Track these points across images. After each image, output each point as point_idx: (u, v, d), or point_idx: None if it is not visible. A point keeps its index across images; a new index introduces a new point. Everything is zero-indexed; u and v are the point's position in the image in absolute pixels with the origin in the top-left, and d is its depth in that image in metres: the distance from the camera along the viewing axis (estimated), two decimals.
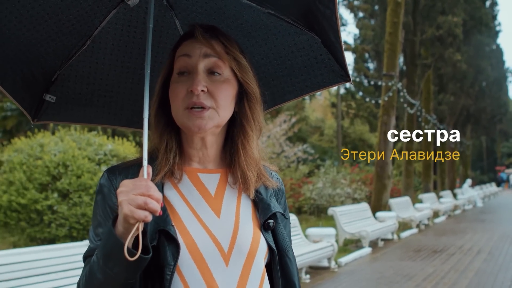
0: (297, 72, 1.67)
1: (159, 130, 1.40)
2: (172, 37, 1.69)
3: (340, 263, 9.99)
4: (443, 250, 11.99)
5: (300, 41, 1.60)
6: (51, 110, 1.74)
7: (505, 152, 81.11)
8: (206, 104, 1.33)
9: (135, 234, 1.14)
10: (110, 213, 1.32)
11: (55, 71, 1.69)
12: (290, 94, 1.71)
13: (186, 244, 1.28)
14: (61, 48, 1.64)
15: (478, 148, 71.87)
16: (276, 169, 1.58)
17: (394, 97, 18.10)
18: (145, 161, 1.23)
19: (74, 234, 9.99)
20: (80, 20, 1.58)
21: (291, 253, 1.47)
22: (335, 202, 18.99)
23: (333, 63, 1.60)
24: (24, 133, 18.39)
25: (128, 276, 1.19)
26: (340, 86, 38.33)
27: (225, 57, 1.38)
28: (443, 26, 28.52)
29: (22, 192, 10.08)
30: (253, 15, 1.57)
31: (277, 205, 1.46)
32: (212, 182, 1.41)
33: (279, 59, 1.67)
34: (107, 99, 1.80)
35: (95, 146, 11.14)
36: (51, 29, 1.56)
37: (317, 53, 1.61)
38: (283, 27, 1.58)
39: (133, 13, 1.62)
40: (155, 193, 1.15)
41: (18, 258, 4.40)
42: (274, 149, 21.66)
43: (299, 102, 38.79)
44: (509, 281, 8.51)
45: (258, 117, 1.45)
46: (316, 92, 1.70)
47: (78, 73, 1.72)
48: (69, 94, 1.75)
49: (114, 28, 1.65)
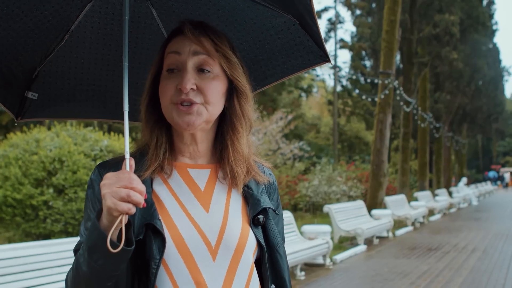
0: (277, 55, 1.67)
1: (150, 125, 1.40)
2: (150, 27, 1.68)
3: (335, 260, 10.01)
4: (438, 248, 12.03)
5: (278, 23, 1.60)
6: (34, 107, 1.73)
7: (501, 151, 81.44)
8: (195, 101, 1.34)
9: (119, 227, 1.14)
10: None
11: (35, 68, 1.68)
12: (271, 77, 1.71)
13: (172, 238, 1.29)
14: (39, 44, 1.63)
15: (474, 147, 72.12)
16: (270, 166, 1.59)
17: (390, 95, 18.13)
18: (127, 154, 1.24)
19: (69, 230, 9.98)
20: (56, 15, 1.56)
21: (282, 250, 1.47)
22: (330, 199, 19.01)
23: (312, 44, 1.60)
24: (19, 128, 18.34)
25: (112, 268, 1.19)
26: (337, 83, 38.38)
27: (215, 54, 1.38)
28: (440, 25, 28.58)
29: (18, 187, 10.05)
30: (229, 1, 1.57)
31: (268, 201, 1.47)
32: (202, 177, 1.42)
33: (258, 43, 1.67)
34: (89, 93, 1.79)
35: (91, 141, 11.12)
36: (27, 27, 1.54)
37: (295, 35, 1.61)
38: (260, 11, 1.58)
39: (108, 5, 1.60)
40: (138, 185, 1.15)
41: (13, 254, 4.39)
42: (270, 146, 21.66)
43: (295, 99, 38.78)
44: (503, 279, 8.55)
45: (248, 113, 1.46)
46: (297, 73, 1.71)
47: (58, 68, 1.71)
48: (51, 90, 1.73)
49: (91, 22, 1.63)
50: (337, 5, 41.95)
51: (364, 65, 41.83)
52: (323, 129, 45.48)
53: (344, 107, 42.16)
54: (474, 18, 32.47)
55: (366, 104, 39.08)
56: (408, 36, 28.22)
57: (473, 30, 33.13)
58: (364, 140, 42.57)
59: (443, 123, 36.59)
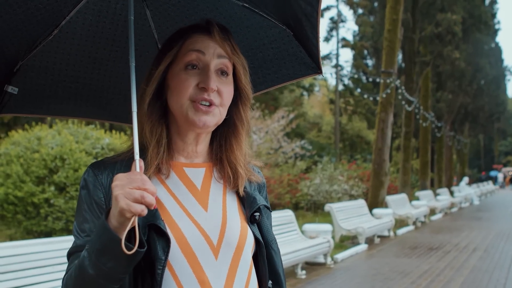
0: (268, 64, 1.69)
1: (152, 122, 1.38)
2: (142, 28, 1.65)
3: (336, 259, 10.01)
4: (439, 248, 12.02)
5: (272, 33, 1.62)
6: (13, 102, 1.67)
7: (503, 151, 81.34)
8: (215, 102, 1.35)
9: (129, 228, 1.13)
10: (96, 209, 1.31)
11: (17, 61, 1.62)
12: (260, 85, 1.73)
13: (176, 238, 1.28)
14: (26, 37, 1.58)
15: (476, 146, 72.04)
16: (260, 165, 1.60)
17: (392, 94, 18.11)
18: (137, 155, 1.23)
19: (70, 228, 9.98)
20: (49, 9, 1.52)
21: (275, 245, 1.50)
22: (332, 198, 19.01)
23: (304, 55, 1.62)
24: (21, 126, 18.36)
25: (122, 270, 1.18)
26: (339, 82, 38.36)
27: (234, 59, 1.41)
28: (442, 24, 28.53)
29: (19, 185, 10.07)
30: (227, 8, 1.58)
31: (262, 198, 1.49)
32: (198, 176, 1.42)
33: (250, 51, 1.67)
34: (72, 90, 1.74)
35: (93, 139, 11.13)
36: (18, 18, 1.50)
37: (288, 46, 1.63)
38: (256, 20, 1.60)
39: (103, 2, 1.58)
40: (151, 186, 1.14)
41: (15, 251, 4.39)
42: (272, 145, 21.67)
43: (297, 98, 38.78)
44: (504, 278, 8.54)
45: (248, 117, 1.49)
46: (287, 83, 1.73)
47: (42, 63, 1.66)
48: (33, 85, 1.68)
49: (83, 18, 1.60)
50: (339, 4, 41.87)
51: (366, 64, 41.80)
52: (324, 128, 45.44)
53: (346, 106, 42.14)
54: (476, 17, 32.41)
55: (368, 103, 39.04)
56: (410, 35, 28.19)
57: (475, 29, 33.06)
58: (366, 139, 42.53)
59: (445, 122, 36.54)
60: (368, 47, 37.87)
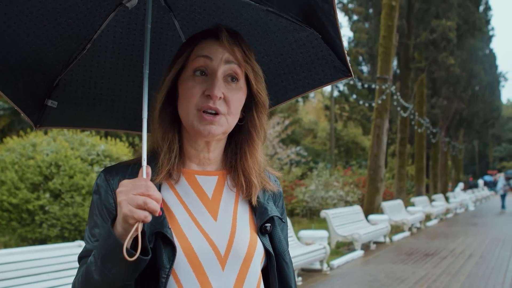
0: (299, 69, 1.65)
1: (163, 128, 1.37)
2: (172, 39, 1.67)
3: (332, 265, 10.00)
4: (435, 254, 12.02)
5: (300, 37, 1.58)
6: (53, 116, 1.72)
7: (497, 156, 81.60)
8: (220, 110, 1.33)
9: (134, 235, 1.12)
10: (106, 214, 1.30)
11: (56, 76, 1.67)
12: (292, 92, 1.69)
13: (182, 247, 1.27)
14: (61, 52, 1.62)
15: (471, 152, 72.24)
16: (279, 175, 1.57)
17: (387, 100, 18.15)
18: (145, 161, 1.22)
19: (65, 235, 9.94)
20: (79, 24, 1.56)
21: (288, 257, 1.46)
22: (327, 204, 19.01)
23: (334, 59, 1.59)
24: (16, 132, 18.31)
25: (126, 277, 1.17)
26: (334, 88, 38.44)
27: (244, 65, 1.38)
28: (437, 30, 28.62)
29: (14, 192, 10.03)
30: (252, 13, 1.55)
31: (274, 208, 1.45)
32: (210, 184, 1.40)
33: (280, 56, 1.65)
34: (109, 103, 1.78)
35: (88, 146, 11.10)
36: (50, 34, 1.54)
37: (317, 49, 1.59)
38: (282, 24, 1.57)
39: (132, 15, 1.60)
40: (155, 193, 1.13)
41: (9, 259, 4.37)
42: (267, 151, 21.66)
43: (292, 105, 38.79)
44: (500, 284, 8.55)
45: (264, 125, 1.45)
46: (318, 88, 1.68)
47: (79, 77, 1.70)
48: (71, 99, 1.73)
49: (113, 31, 1.63)
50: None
51: (361, 71, 41.86)
52: (320, 134, 45.47)
53: (341, 112, 42.17)
54: (470, 24, 32.56)
55: (363, 109, 39.08)
56: (405, 42, 28.28)
57: (470, 35, 33.20)
58: (361, 145, 42.59)
59: (440, 128, 36.63)
60: (363, 53, 37.94)
